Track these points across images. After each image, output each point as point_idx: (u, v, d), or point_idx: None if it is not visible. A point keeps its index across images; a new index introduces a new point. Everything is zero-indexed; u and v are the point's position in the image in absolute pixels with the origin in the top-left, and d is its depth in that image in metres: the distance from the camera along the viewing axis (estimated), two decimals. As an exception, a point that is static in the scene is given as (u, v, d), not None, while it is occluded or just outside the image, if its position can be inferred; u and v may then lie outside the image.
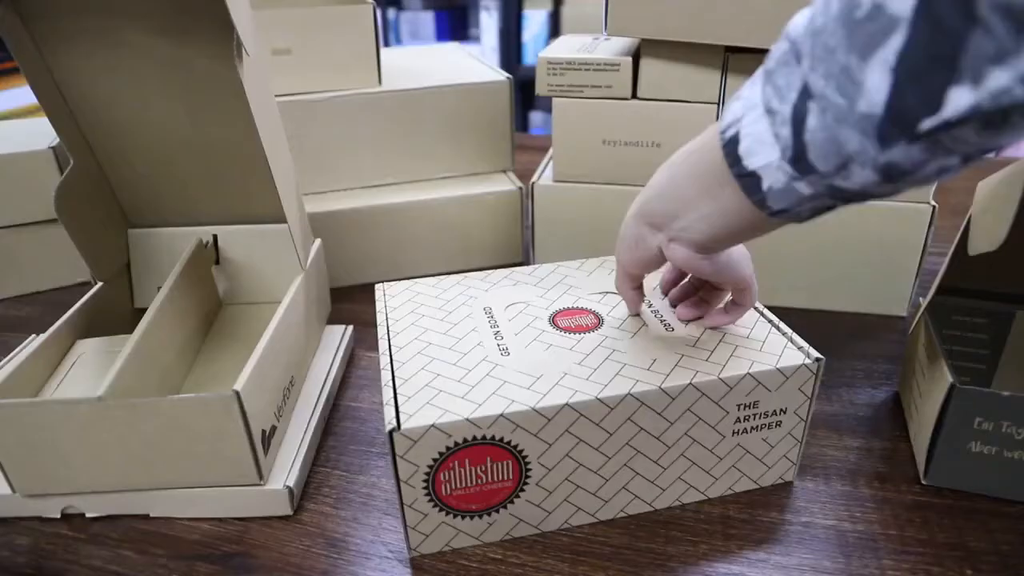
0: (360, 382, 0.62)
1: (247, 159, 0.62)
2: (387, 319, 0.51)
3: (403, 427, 0.40)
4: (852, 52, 0.27)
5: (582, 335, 0.48)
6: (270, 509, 0.48)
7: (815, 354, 0.45)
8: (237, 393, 0.44)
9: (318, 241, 0.67)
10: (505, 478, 0.43)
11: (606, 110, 0.68)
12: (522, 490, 0.44)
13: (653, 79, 0.66)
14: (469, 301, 0.53)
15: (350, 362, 0.65)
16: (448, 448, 0.41)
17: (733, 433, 0.45)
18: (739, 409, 0.45)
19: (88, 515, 0.48)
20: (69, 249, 0.60)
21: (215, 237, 0.66)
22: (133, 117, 0.60)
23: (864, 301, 0.70)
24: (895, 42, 0.25)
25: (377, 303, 0.54)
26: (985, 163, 0.87)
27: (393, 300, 0.54)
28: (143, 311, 0.53)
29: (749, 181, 0.34)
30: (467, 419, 0.40)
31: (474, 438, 0.41)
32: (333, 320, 0.69)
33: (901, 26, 0.25)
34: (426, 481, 0.42)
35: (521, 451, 0.42)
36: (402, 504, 0.42)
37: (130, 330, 0.51)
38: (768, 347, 0.46)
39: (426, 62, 0.90)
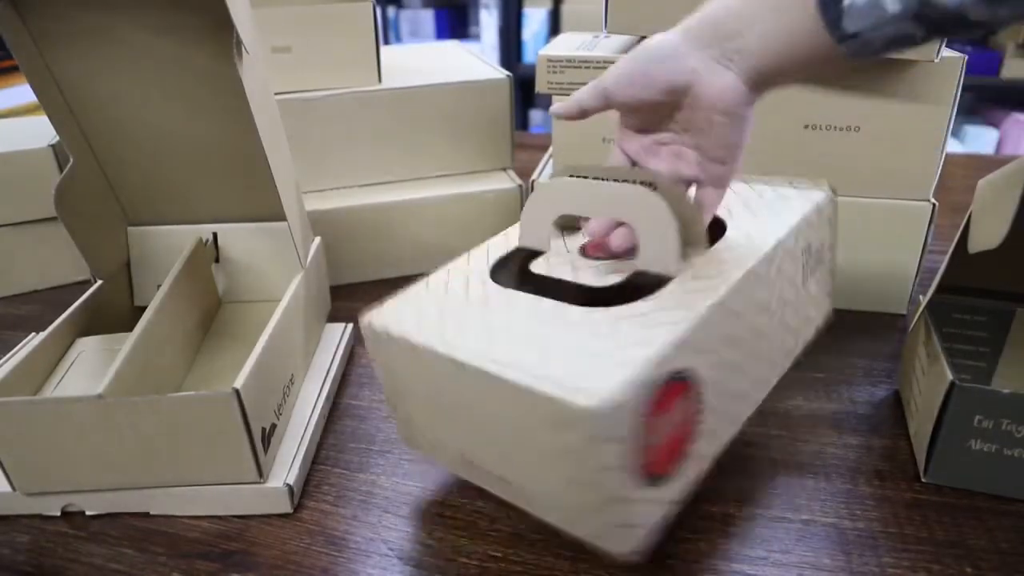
0: (360, 380, 0.62)
1: (247, 157, 0.61)
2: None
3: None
4: None
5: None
6: (270, 507, 0.48)
7: (824, 186, 0.46)
8: (237, 391, 0.44)
9: (318, 239, 0.67)
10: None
11: (606, 108, 0.68)
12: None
13: (653, 77, 0.66)
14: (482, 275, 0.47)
15: (350, 360, 0.65)
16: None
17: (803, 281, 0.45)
18: (803, 255, 0.45)
19: (88, 513, 0.48)
20: (69, 247, 0.59)
21: (215, 235, 0.66)
22: (133, 115, 0.60)
23: (864, 299, 0.70)
24: None
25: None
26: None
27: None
28: (143, 309, 0.53)
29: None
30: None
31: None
32: (333, 318, 0.69)
33: None
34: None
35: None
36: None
37: (130, 328, 0.51)
38: (782, 200, 0.46)
39: (426, 60, 0.90)
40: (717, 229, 0.46)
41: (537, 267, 0.47)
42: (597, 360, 0.35)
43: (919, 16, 0.30)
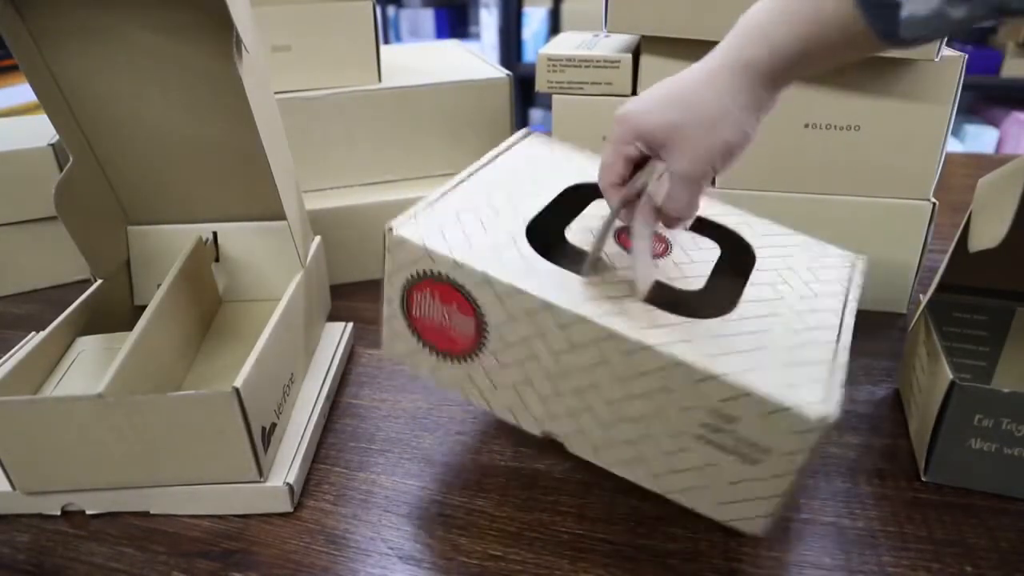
0: (360, 379, 0.62)
1: (247, 156, 0.61)
2: (500, 154, 0.54)
3: (397, 231, 0.43)
4: None
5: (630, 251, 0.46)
6: (270, 506, 0.48)
7: (831, 409, 0.36)
8: (237, 390, 0.44)
9: (318, 238, 0.67)
10: (466, 332, 0.43)
11: (606, 107, 0.68)
12: (477, 352, 0.44)
13: (653, 76, 0.66)
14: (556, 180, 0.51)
15: (350, 359, 0.65)
16: (422, 272, 0.43)
17: (699, 438, 0.40)
18: (712, 415, 0.39)
19: (88, 512, 0.48)
20: (69, 246, 0.59)
21: (215, 234, 0.66)
22: (133, 114, 0.60)
23: (864, 298, 0.69)
24: None
25: (516, 135, 0.56)
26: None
27: (530, 141, 0.56)
28: (143, 308, 0.53)
29: (881, 12, 0.31)
30: (447, 255, 0.42)
31: (446, 277, 0.42)
32: (333, 317, 0.69)
33: None
34: (403, 291, 0.44)
35: (483, 314, 0.42)
36: (382, 298, 0.45)
37: (130, 327, 0.51)
38: (798, 361, 0.39)
39: (426, 59, 0.89)
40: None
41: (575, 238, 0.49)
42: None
43: (993, 11, 0.30)
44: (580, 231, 0.48)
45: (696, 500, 0.42)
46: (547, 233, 0.46)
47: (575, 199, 0.51)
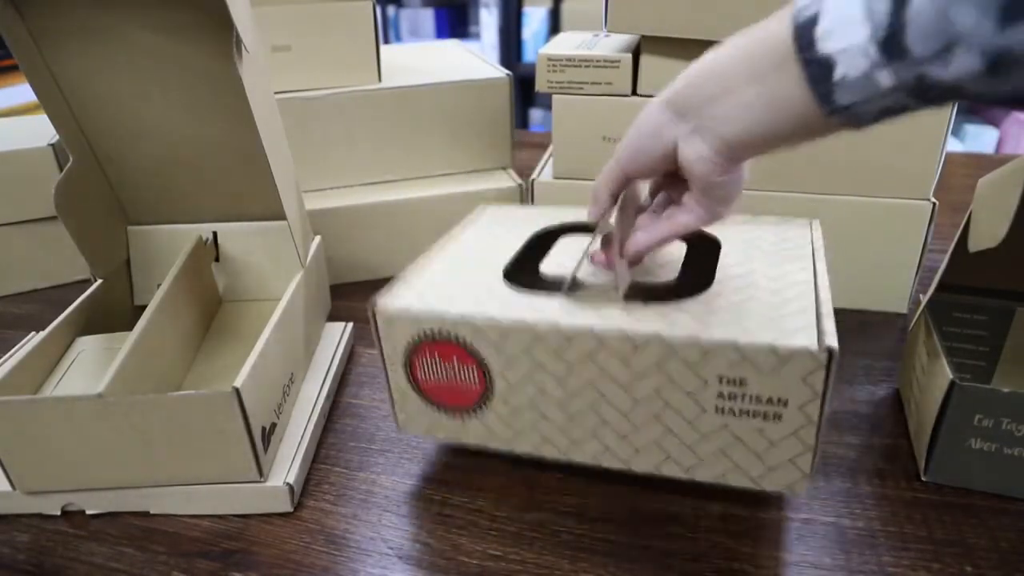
0: (360, 379, 0.62)
1: (247, 156, 0.61)
2: (465, 226, 0.56)
3: (380, 305, 0.45)
4: None
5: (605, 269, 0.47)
6: (270, 506, 0.48)
7: (830, 342, 0.37)
8: (237, 390, 0.44)
9: (318, 238, 0.67)
10: (472, 382, 0.44)
11: (606, 107, 0.68)
12: (488, 399, 0.45)
13: (653, 76, 0.66)
14: (531, 227, 0.54)
15: (350, 359, 0.65)
16: (419, 336, 0.44)
17: (716, 410, 0.40)
18: (720, 383, 0.39)
19: (88, 512, 0.48)
20: (69, 246, 0.59)
21: (215, 234, 0.66)
22: (133, 114, 0.60)
23: (864, 298, 0.70)
24: None
25: (472, 212, 0.58)
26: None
27: (485, 213, 0.58)
28: (143, 308, 0.53)
29: (818, 68, 0.30)
30: (432, 310, 0.43)
31: (440, 332, 0.43)
32: (333, 317, 0.69)
33: None
34: (404, 364, 0.46)
35: (483, 360, 0.43)
36: (388, 383, 0.47)
37: (130, 327, 0.51)
38: (785, 314, 0.40)
39: (426, 59, 0.89)
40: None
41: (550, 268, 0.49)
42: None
43: (914, 89, 0.29)
44: (553, 264, 0.49)
45: (737, 479, 0.42)
46: (522, 274, 0.47)
47: (544, 243, 0.52)
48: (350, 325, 0.67)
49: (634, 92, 0.68)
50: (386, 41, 2.49)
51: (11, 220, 0.75)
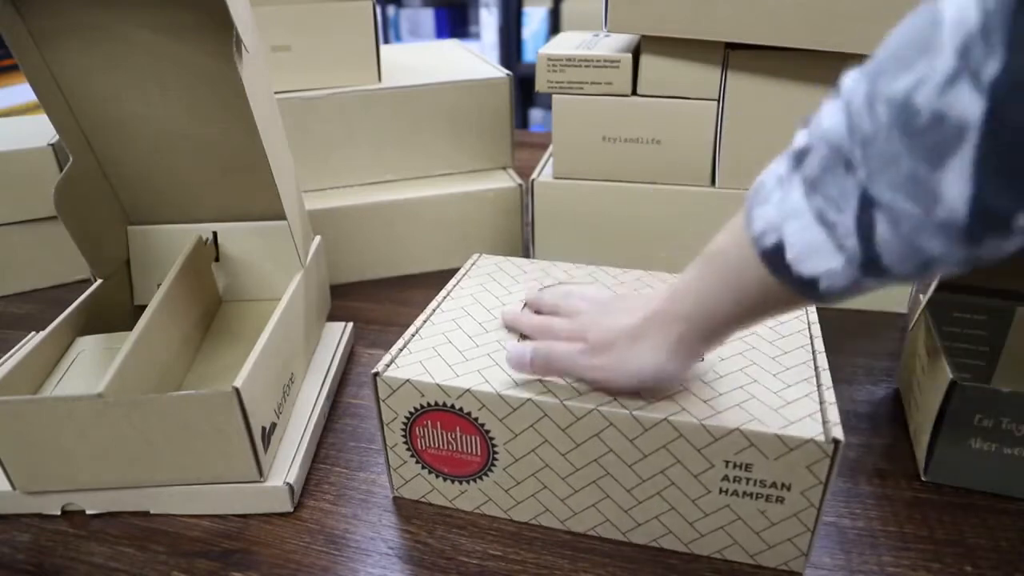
0: (360, 379, 0.62)
1: (247, 156, 0.61)
2: (456, 284, 0.55)
3: (384, 375, 0.44)
4: (918, 161, 0.26)
5: None
6: (270, 506, 0.48)
7: (835, 434, 0.38)
8: (237, 390, 0.44)
9: (318, 238, 0.67)
10: (473, 453, 0.45)
11: (606, 107, 0.68)
12: (490, 470, 0.45)
13: (653, 76, 0.66)
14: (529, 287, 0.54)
15: (350, 359, 0.65)
16: (422, 406, 0.44)
17: (721, 491, 0.41)
18: (727, 467, 0.40)
19: (88, 512, 0.48)
20: (69, 246, 0.60)
21: (215, 234, 0.66)
22: (132, 114, 0.60)
23: (864, 298, 0.70)
24: (968, 149, 0.24)
25: (463, 266, 0.58)
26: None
27: (477, 269, 0.58)
28: (143, 308, 0.53)
29: (802, 285, 0.32)
30: (438, 384, 0.43)
31: (443, 404, 0.43)
32: (333, 317, 0.69)
33: (971, 133, 0.24)
34: (404, 430, 0.46)
35: (488, 431, 0.43)
36: (385, 446, 0.47)
37: (130, 327, 0.51)
38: (790, 403, 0.41)
39: (426, 59, 0.90)
40: None
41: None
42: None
43: (903, 281, 0.30)
44: None
45: (735, 554, 0.43)
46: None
47: None
48: (350, 325, 0.67)
49: (634, 92, 0.68)
50: (386, 41, 2.49)
51: (11, 220, 0.75)
